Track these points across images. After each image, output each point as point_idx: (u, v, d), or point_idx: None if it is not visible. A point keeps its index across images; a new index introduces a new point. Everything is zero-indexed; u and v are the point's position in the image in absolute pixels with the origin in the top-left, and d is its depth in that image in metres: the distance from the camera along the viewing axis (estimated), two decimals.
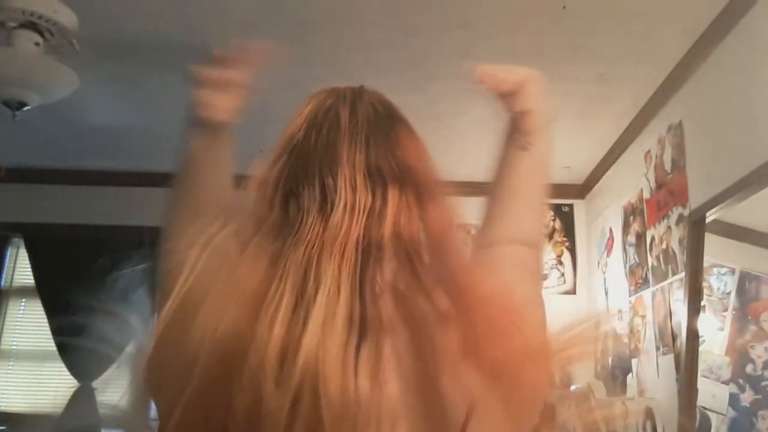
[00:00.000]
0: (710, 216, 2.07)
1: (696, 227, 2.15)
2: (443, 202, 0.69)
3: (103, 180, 3.63)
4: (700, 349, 2.05)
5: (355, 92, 0.76)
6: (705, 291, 2.07)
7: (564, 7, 2.02)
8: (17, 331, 3.59)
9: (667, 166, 2.46)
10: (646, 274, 2.62)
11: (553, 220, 3.66)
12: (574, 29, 2.15)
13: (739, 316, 1.92)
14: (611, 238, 3.14)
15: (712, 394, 1.96)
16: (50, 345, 3.42)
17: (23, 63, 2.07)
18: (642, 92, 2.55)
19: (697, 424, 2.00)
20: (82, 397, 3.34)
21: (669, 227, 2.42)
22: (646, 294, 2.60)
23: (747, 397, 1.86)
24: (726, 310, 1.99)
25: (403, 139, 0.71)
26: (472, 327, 0.59)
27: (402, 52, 2.32)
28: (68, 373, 3.38)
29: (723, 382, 1.94)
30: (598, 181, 3.40)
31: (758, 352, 1.81)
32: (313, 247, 0.60)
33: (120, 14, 2.13)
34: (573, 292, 3.54)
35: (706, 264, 2.08)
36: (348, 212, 0.63)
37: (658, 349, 2.44)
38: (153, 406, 0.64)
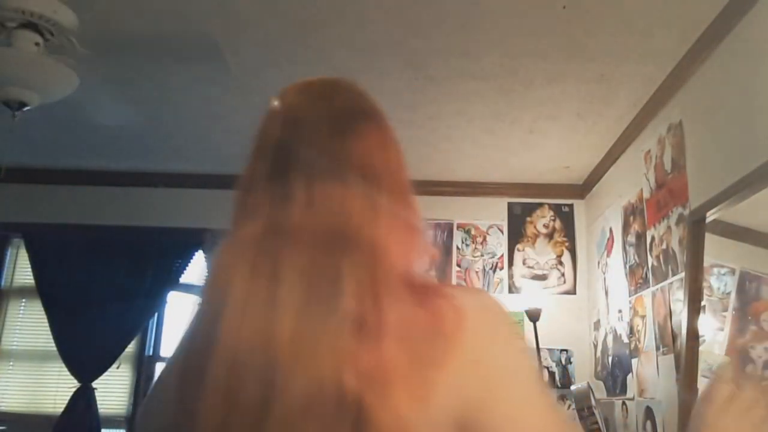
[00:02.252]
0: (710, 216, 2.07)
1: (696, 227, 2.15)
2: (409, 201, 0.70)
3: (103, 180, 3.63)
4: (700, 349, 2.05)
5: (328, 87, 0.76)
6: (705, 291, 2.07)
7: (564, 7, 2.02)
8: (17, 331, 3.60)
9: (667, 166, 2.46)
10: (646, 274, 2.62)
11: (553, 220, 3.66)
12: (574, 29, 2.15)
13: (739, 316, 1.92)
14: (611, 238, 3.14)
15: None
16: (50, 345, 3.42)
17: (23, 63, 2.07)
18: (642, 92, 2.55)
19: None
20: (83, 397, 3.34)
21: (669, 227, 2.42)
22: (646, 294, 2.60)
23: None
24: (726, 310, 1.98)
25: (367, 136, 0.71)
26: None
27: (402, 52, 2.31)
28: (68, 373, 3.38)
29: None
30: (598, 181, 3.40)
31: (758, 352, 1.80)
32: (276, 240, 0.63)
33: (119, 14, 2.13)
34: (573, 292, 3.54)
35: (706, 264, 2.08)
36: (308, 207, 0.65)
37: (658, 349, 2.43)
38: None
